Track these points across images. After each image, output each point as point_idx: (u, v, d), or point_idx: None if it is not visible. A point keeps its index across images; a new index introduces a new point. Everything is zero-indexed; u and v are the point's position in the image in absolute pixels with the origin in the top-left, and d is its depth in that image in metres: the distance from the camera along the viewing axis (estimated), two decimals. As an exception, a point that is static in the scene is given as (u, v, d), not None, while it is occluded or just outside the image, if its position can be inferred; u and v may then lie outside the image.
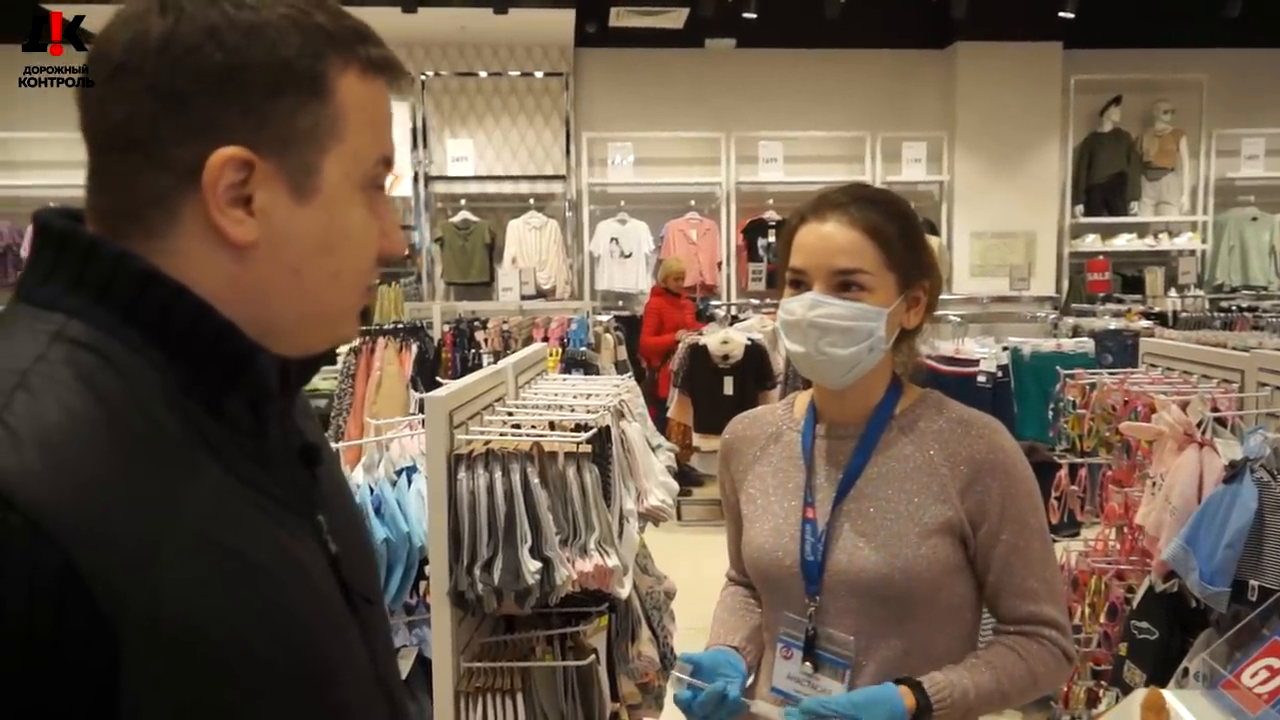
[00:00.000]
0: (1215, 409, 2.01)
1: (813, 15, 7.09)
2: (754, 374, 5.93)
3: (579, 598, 1.89)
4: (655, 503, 2.25)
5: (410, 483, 1.98)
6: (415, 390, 3.83)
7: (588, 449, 1.85)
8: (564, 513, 1.82)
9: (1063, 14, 7.11)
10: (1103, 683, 2.31)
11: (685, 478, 6.54)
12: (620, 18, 7.57)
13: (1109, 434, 2.39)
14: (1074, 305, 7.88)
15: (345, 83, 0.74)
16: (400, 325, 4.85)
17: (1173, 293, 8.06)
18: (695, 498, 6.59)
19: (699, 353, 5.98)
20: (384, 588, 1.86)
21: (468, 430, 1.87)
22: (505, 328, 4.90)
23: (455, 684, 1.77)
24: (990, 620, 1.43)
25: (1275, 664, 1.32)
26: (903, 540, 1.34)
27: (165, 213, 0.70)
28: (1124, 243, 8.40)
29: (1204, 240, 8.50)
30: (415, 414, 2.21)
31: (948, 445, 1.38)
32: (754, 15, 7.03)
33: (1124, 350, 5.99)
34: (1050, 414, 2.76)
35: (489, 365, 2.42)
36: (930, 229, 8.26)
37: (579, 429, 1.95)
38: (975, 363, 3.65)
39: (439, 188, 8.29)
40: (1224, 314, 6.93)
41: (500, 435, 1.88)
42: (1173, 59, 8.40)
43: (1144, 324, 6.54)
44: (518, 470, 1.75)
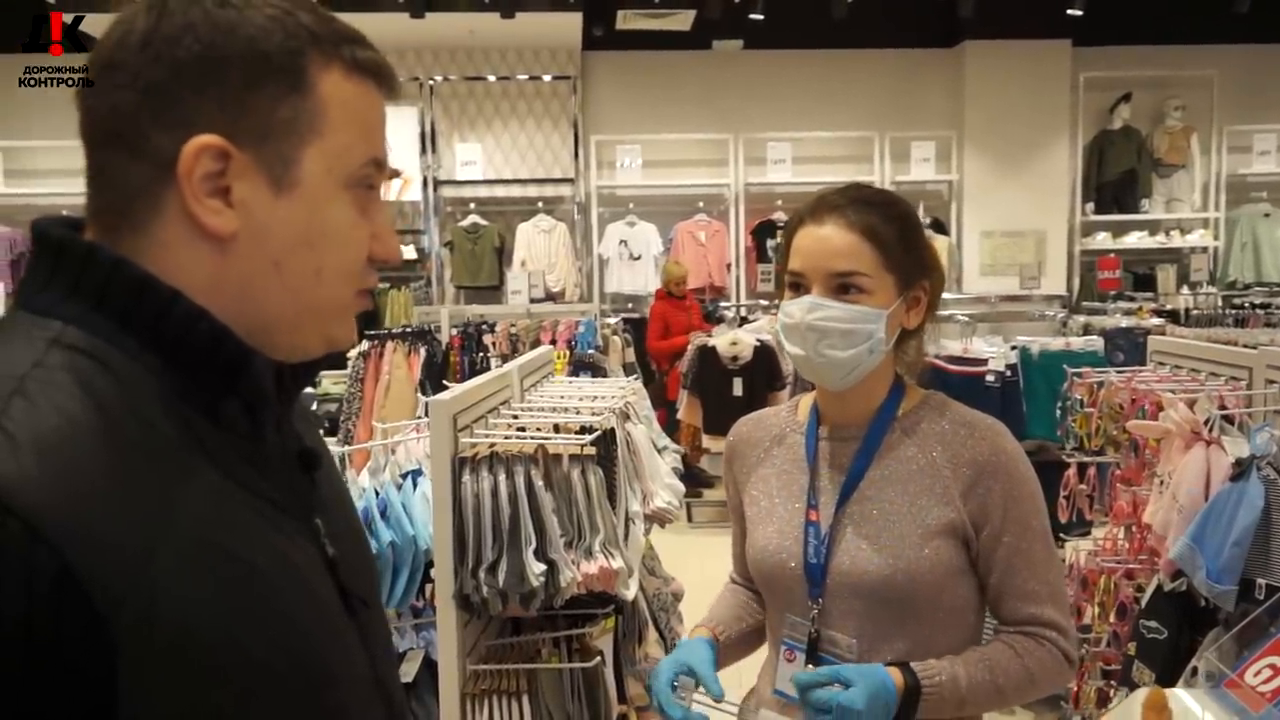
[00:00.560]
0: (1223, 407, 2.00)
1: (820, 15, 7.09)
2: (763, 375, 5.92)
3: (585, 600, 1.90)
4: (661, 504, 2.26)
5: (416, 486, 1.99)
6: (423, 394, 3.85)
7: (592, 451, 1.86)
8: (568, 515, 1.82)
9: (1071, 11, 7.09)
10: (1112, 682, 2.30)
11: (695, 479, 6.54)
12: (627, 20, 7.58)
13: (1116, 432, 2.38)
14: (1085, 304, 7.84)
15: (328, 80, 0.74)
16: (408, 329, 4.87)
17: (1185, 290, 8.00)
18: (705, 499, 6.59)
19: (708, 354, 5.98)
20: (390, 591, 1.86)
21: (472, 433, 1.88)
22: (513, 331, 4.91)
23: (461, 686, 1.78)
24: (993, 623, 1.42)
25: (1279, 662, 1.32)
26: (905, 542, 1.34)
27: (149, 204, 0.71)
28: (1135, 240, 8.36)
29: (1216, 237, 8.45)
30: (422, 418, 2.22)
31: (950, 447, 1.38)
32: (761, 16, 7.02)
33: (1135, 348, 5.95)
34: (1058, 412, 2.75)
35: (497, 368, 2.43)
36: (939, 228, 8.24)
37: (584, 431, 1.95)
38: (983, 362, 3.64)
39: (448, 192, 8.31)
40: (1237, 311, 6.88)
41: (505, 438, 1.88)
42: (1183, 55, 8.35)
43: (1156, 322, 6.50)
44: (522, 473, 1.76)
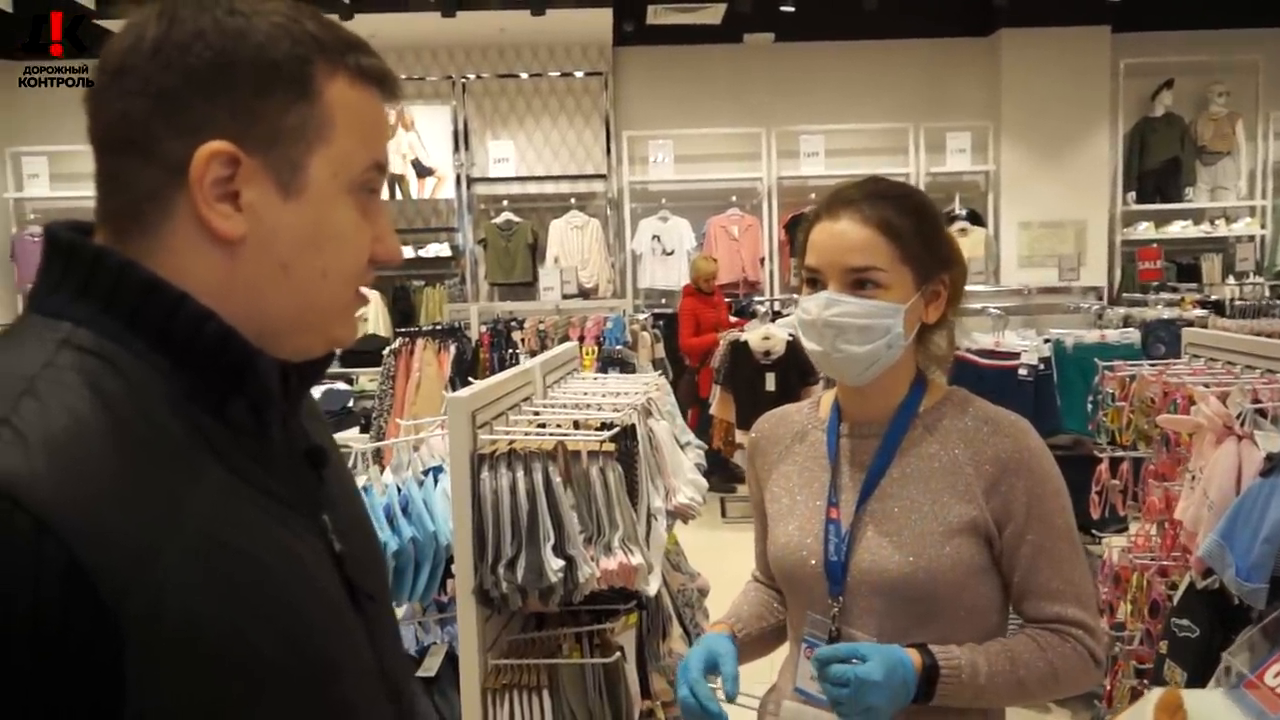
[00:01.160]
0: (1256, 400, 1.95)
1: (852, 6, 7.02)
2: (796, 369, 5.89)
3: (608, 595, 1.89)
4: (684, 500, 2.25)
5: (437, 482, 2.00)
6: (453, 390, 3.87)
7: (611, 448, 1.85)
8: (588, 511, 1.82)
9: (1110, -3, 6.97)
10: (1145, 681, 2.26)
11: (729, 474, 6.52)
12: (658, 15, 7.56)
13: (1148, 427, 2.33)
14: (1125, 295, 7.71)
15: (334, 87, 0.76)
16: (439, 326, 4.90)
17: (1230, 280, 7.83)
18: (739, 494, 6.57)
19: (740, 349, 5.95)
20: (412, 586, 1.88)
21: (492, 430, 1.89)
22: (541, 327, 4.93)
23: (482, 681, 1.79)
24: (1017, 621, 1.40)
25: (1302, 663, 1.28)
26: (926, 540, 1.32)
27: (159, 208, 0.73)
28: (1178, 230, 8.20)
29: (1263, 225, 8.27)
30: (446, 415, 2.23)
31: (973, 444, 1.36)
32: (792, 9, 6.98)
33: (1177, 340, 5.81)
34: (1090, 406, 2.71)
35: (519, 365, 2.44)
36: (976, 220, 8.14)
37: (604, 427, 1.95)
38: (1016, 355, 3.58)
39: (481, 189, 8.35)
40: (1284, 301, 6.73)
41: (524, 435, 1.89)
42: (1226, 40, 8.18)
43: (1199, 313, 6.36)
44: (540, 469, 1.76)
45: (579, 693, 1.86)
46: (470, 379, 3.38)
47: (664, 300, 8.17)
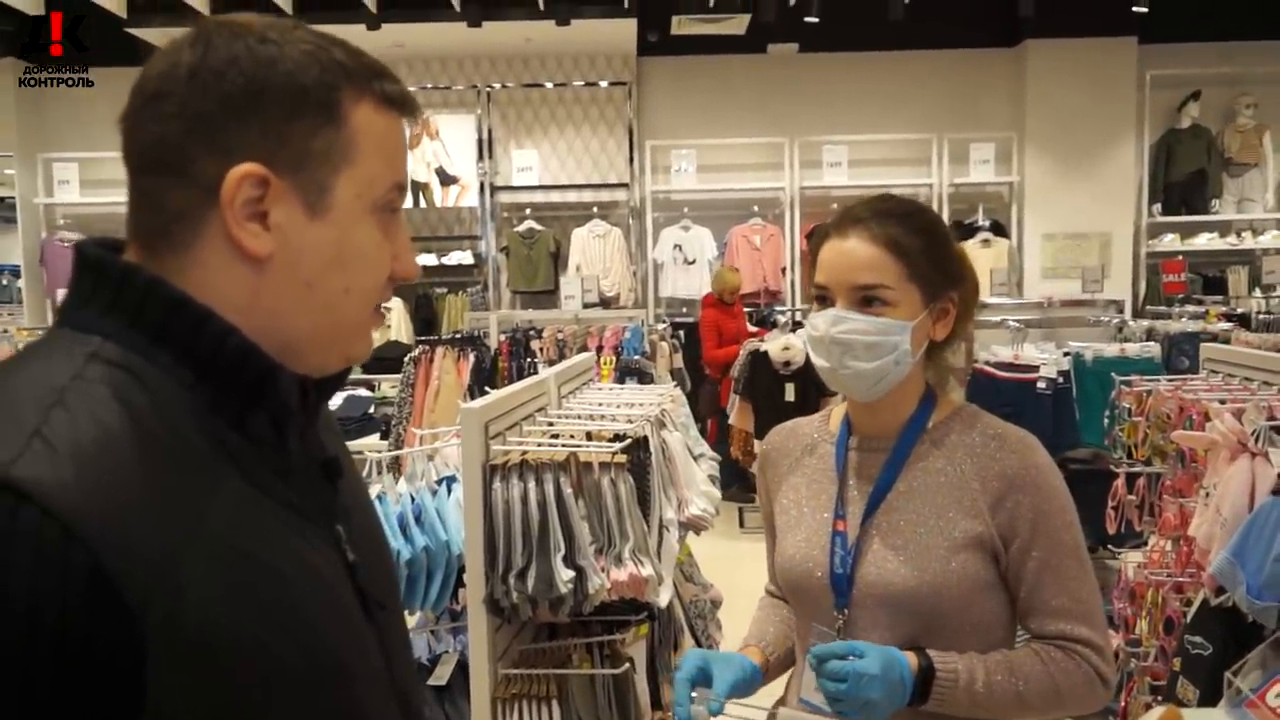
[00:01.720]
0: (1272, 417, 1.94)
1: (876, 17, 7.01)
2: (815, 380, 5.80)
3: (619, 606, 1.91)
4: (696, 511, 2.26)
5: (450, 492, 2.02)
6: (471, 399, 3.90)
7: (622, 459, 1.87)
8: (599, 522, 1.84)
9: (1136, 8, 6.90)
10: (1159, 698, 2.24)
11: (748, 484, 6.50)
12: (682, 25, 7.58)
13: (1163, 442, 2.32)
14: (1149, 308, 7.64)
15: (360, 112, 0.79)
16: (459, 335, 4.93)
17: (1257, 293, 7.74)
18: (757, 505, 6.55)
19: (760, 359, 5.95)
20: (424, 595, 1.90)
21: (505, 441, 1.91)
22: (560, 336, 4.95)
23: (492, 690, 1.80)
24: (1025, 636, 1.40)
25: (1305, 684, 1.27)
26: (931, 555, 1.32)
27: (190, 227, 0.75)
28: (1204, 242, 8.12)
29: (1290, 238, 8.17)
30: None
31: (980, 460, 1.36)
32: (816, 19, 6.97)
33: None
34: (1106, 421, 2.69)
35: (534, 375, 2.46)
36: (999, 231, 8.09)
37: (616, 439, 1.97)
38: (1035, 369, 3.57)
39: (504, 198, 8.40)
40: (1312, 315, 6.64)
41: (537, 445, 1.91)
42: (1254, 51, 8.09)
43: (1224, 326, 6.30)
44: (551, 480, 1.78)
45: (589, 703, 1.88)
46: (489, 388, 3.41)
47: (685, 309, 8.17)
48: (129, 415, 0.68)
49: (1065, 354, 3.65)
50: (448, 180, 8.11)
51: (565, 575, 1.74)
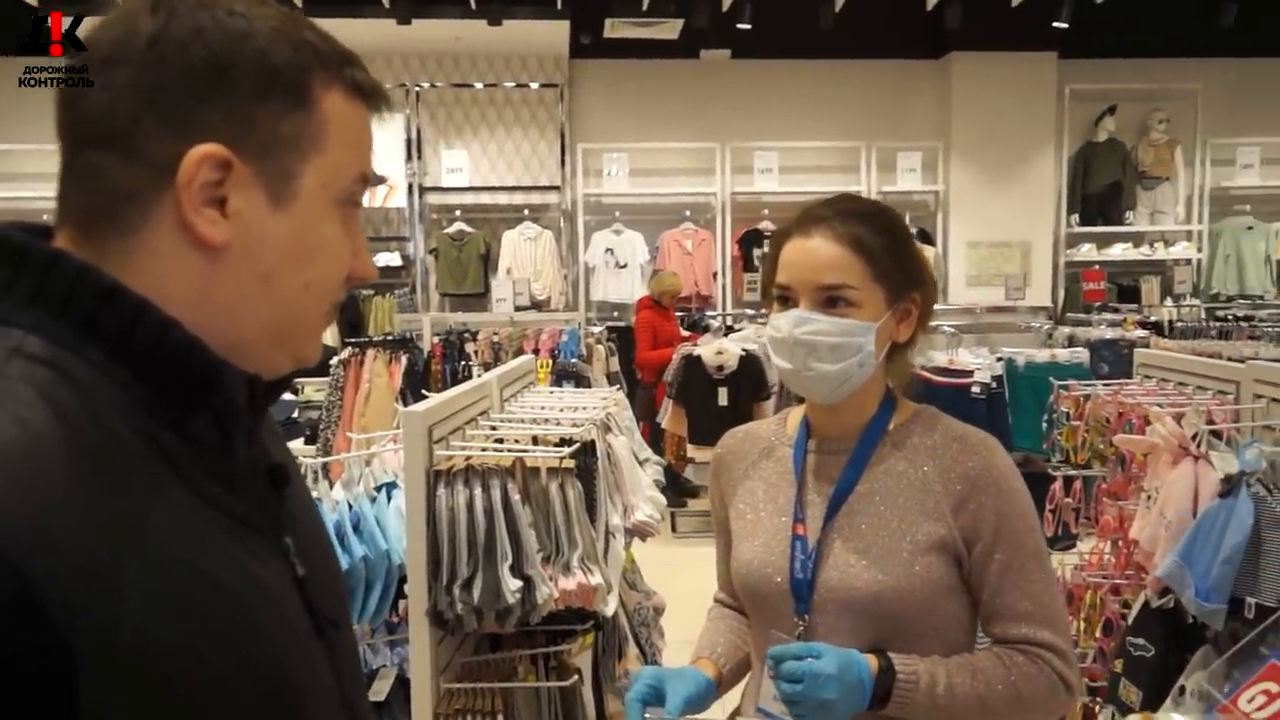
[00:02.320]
0: (1210, 421, 1.97)
1: (808, 26, 7.08)
2: (749, 384, 5.89)
3: (564, 615, 1.86)
4: (642, 518, 2.22)
5: (390, 499, 1.94)
6: (404, 403, 3.80)
7: (571, 464, 1.82)
8: (546, 529, 1.78)
9: (1057, 24, 7.11)
10: (1098, 699, 2.27)
11: (680, 489, 6.49)
12: (615, 29, 7.56)
13: (1103, 446, 2.35)
14: (1070, 315, 7.86)
15: (330, 99, 0.75)
16: (390, 337, 4.82)
17: (1169, 302, 8.03)
18: (690, 509, 6.56)
19: (694, 364, 5.94)
20: (362, 606, 1.82)
21: (448, 445, 1.84)
22: (496, 339, 4.87)
23: (435, 706, 1.73)
24: (985, 641, 1.39)
25: (1274, 688, 1.28)
26: (895, 558, 1.30)
27: (139, 210, 0.69)
28: (1119, 252, 8.39)
29: (1199, 249, 8.49)
30: (399, 428, 2.17)
31: (941, 461, 1.35)
32: (749, 26, 7.01)
33: (1120, 360, 5.96)
34: (1045, 425, 2.73)
35: (479, 377, 2.39)
36: (925, 239, 8.24)
37: (563, 443, 1.91)
38: (969, 373, 3.62)
39: (433, 199, 8.26)
40: (1220, 323, 6.91)
41: (481, 450, 1.84)
42: (1168, 68, 8.40)
43: (1141, 333, 6.51)
44: (498, 486, 1.72)
45: (535, 716, 1.82)
46: (424, 391, 3.32)
47: (616, 313, 8.14)
48: (56, 417, 0.62)
49: (998, 359, 3.70)
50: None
51: (513, 585, 1.68)
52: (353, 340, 4.72)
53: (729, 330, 6.98)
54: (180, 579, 0.64)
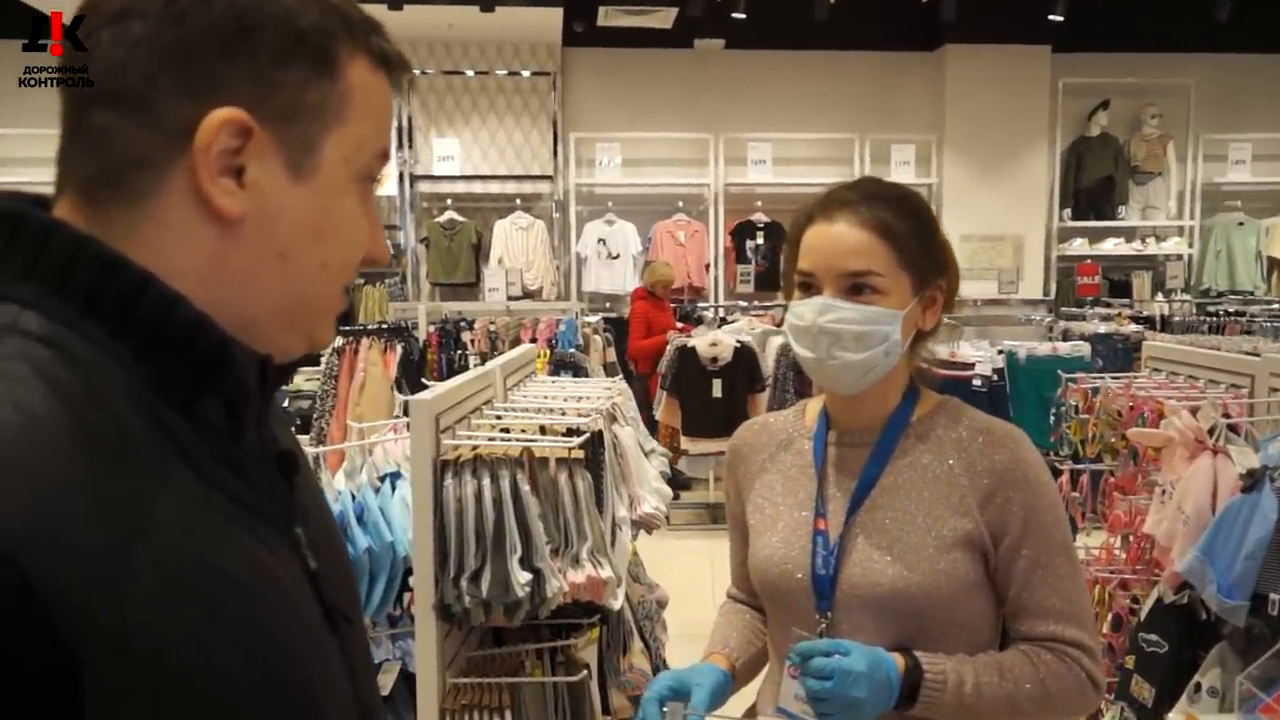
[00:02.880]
0: (1226, 415, 1.95)
1: (802, 16, 7.04)
2: (743, 376, 5.87)
3: (570, 609, 1.82)
4: (649, 509, 2.18)
5: (394, 489, 1.90)
6: (399, 392, 3.75)
7: (580, 454, 1.78)
8: (555, 521, 1.74)
9: (1052, 17, 7.09)
10: (1107, 695, 2.25)
11: (673, 482, 6.45)
12: (609, 17, 7.50)
13: (1114, 440, 2.33)
14: (1063, 309, 7.87)
15: (355, 68, 0.71)
16: (384, 325, 4.76)
17: (1160, 297, 8.05)
18: (683, 502, 6.53)
19: (688, 355, 5.91)
20: (366, 599, 1.78)
21: (454, 435, 1.80)
22: (492, 329, 4.83)
23: (440, 701, 1.69)
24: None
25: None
26: (920, 554, 1.27)
27: (149, 176, 0.65)
28: (1111, 247, 8.40)
29: (1191, 245, 8.51)
30: (400, 417, 2.13)
31: (967, 454, 1.31)
32: (743, 16, 6.97)
33: (1114, 354, 5.97)
34: (1051, 418, 2.71)
35: (475, 367, 2.34)
36: (919, 232, 8.21)
37: (570, 433, 1.87)
38: (970, 366, 3.59)
39: (424, 187, 8.20)
40: (1212, 319, 6.92)
41: (489, 440, 1.80)
42: (1161, 63, 8.40)
43: (1134, 328, 6.52)
44: (507, 477, 1.68)
45: (542, 712, 1.78)
46: (424, 381, 3.27)
47: (608, 304, 8.10)
48: (56, 397, 0.58)
49: (999, 352, 3.68)
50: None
51: (522, 578, 1.64)
52: (347, 329, 4.66)
53: (723, 322, 6.94)
54: (189, 570, 0.60)
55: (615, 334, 6.80)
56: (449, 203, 8.08)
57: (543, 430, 1.91)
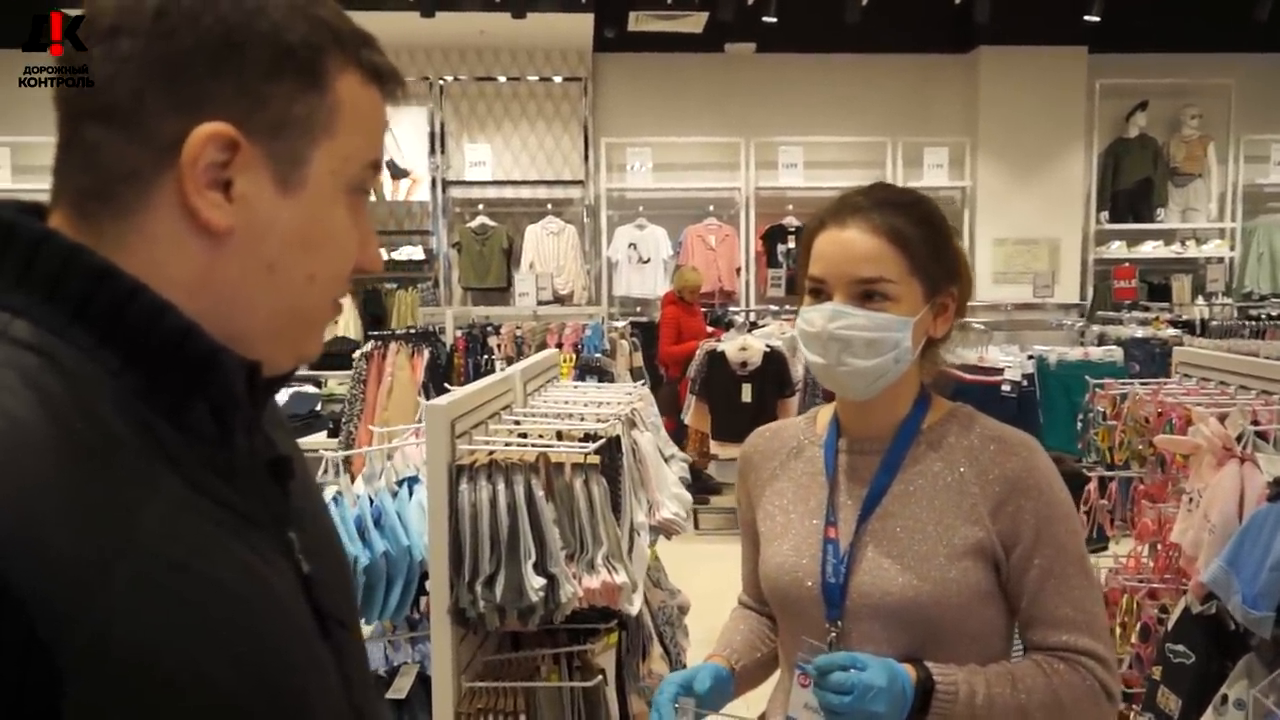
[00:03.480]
0: (1255, 422, 1.91)
1: (834, 19, 7.00)
2: (773, 381, 5.84)
3: (587, 614, 1.82)
4: (668, 515, 2.18)
5: (411, 494, 1.91)
6: (426, 397, 3.78)
7: (596, 460, 1.78)
8: (570, 527, 1.74)
9: (1088, 18, 6.99)
10: (1135, 706, 2.21)
11: (702, 486, 6.46)
12: (639, 22, 7.51)
13: (1142, 447, 2.29)
14: (1099, 313, 7.75)
15: (345, 81, 0.71)
16: (412, 330, 4.80)
17: (1200, 301, 7.90)
18: (713, 506, 6.52)
19: (717, 359, 5.90)
20: (384, 603, 1.79)
21: (471, 440, 1.81)
22: (519, 333, 4.85)
23: (456, 705, 1.70)
24: (1019, 648, 1.34)
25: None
26: (931, 563, 1.26)
27: (138, 190, 0.65)
28: (1150, 250, 8.26)
29: (1232, 247, 8.35)
30: (421, 422, 2.14)
31: (979, 462, 1.30)
32: (774, 19, 6.94)
33: (1151, 359, 5.86)
34: (1079, 425, 2.66)
35: (499, 372, 2.36)
36: (952, 235, 8.14)
37: (588, 439, 1.87)
38: (999, 371, 3.55)
39: (457, 193, 8.25)
40: (1254, 322, 6.78)
41: (505, 445, 1.81)
42: (1200, 63, 8.26)
43: (1172, 332, 6.41)
44: (522, 482, 1.68)
45: (558, 717, 1.78)
46: (446, 385, 3.29)
47: (639, 309, 8.11)
48: (42, 405, 0.58)
49: (1030, 357, 3.63)
50: (398, 174, 7.94)
51: (536, 583, 1.64)
52: (376, 334, 4.70)
53: (753, 326, 6.92)
54: (174, 578, 0.60)
55: (643, 338, 6.81)
56: (481, 208, 8.13)
57: (560, 436, 1.92)
